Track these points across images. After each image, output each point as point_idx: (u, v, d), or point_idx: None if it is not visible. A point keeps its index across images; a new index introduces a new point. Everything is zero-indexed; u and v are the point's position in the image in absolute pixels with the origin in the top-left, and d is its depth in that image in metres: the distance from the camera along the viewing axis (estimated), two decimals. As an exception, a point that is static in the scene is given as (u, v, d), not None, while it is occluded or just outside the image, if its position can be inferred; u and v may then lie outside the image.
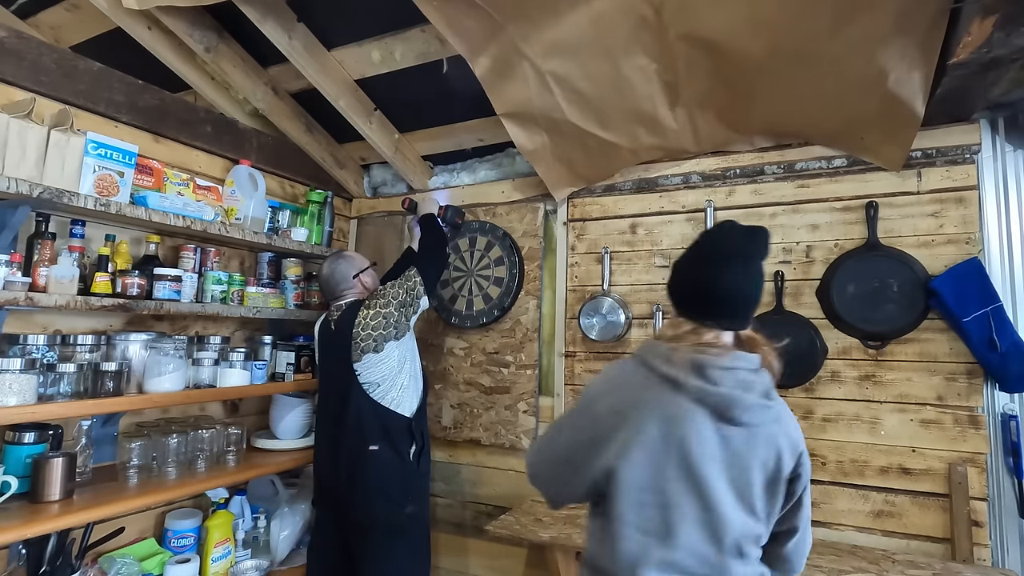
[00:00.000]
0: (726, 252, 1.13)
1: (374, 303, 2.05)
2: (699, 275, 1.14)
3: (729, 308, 1.12)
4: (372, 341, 2.00)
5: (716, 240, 1.17)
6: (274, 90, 2.39)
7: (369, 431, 1.99)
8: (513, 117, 2.12)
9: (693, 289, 1.15)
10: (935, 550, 1.80)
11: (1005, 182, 1.85)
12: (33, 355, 1.65)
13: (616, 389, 1.15)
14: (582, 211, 2.46)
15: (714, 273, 1.12)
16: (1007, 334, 1.71)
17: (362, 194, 2.99)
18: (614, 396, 1.13)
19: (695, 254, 1.18)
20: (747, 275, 1.12)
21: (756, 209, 2.14)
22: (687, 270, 1.18)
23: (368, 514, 1.97)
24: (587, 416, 1.15)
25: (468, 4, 1.68)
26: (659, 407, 1.07)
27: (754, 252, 1.13)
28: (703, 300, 1.13)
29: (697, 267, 1.16)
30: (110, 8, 1.94)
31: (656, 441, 1.05)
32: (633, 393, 1.11)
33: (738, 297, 1.12)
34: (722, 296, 1.12)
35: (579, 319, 2.33)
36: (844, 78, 1.67)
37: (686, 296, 1.17)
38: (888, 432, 1.89)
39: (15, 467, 1.60)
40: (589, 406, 1.15)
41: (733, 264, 1.12)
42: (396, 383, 2.04)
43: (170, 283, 1.92)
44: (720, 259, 1.13)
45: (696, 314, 1.14)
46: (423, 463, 2.11)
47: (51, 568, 1.63)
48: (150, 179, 1.97)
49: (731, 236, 1.15)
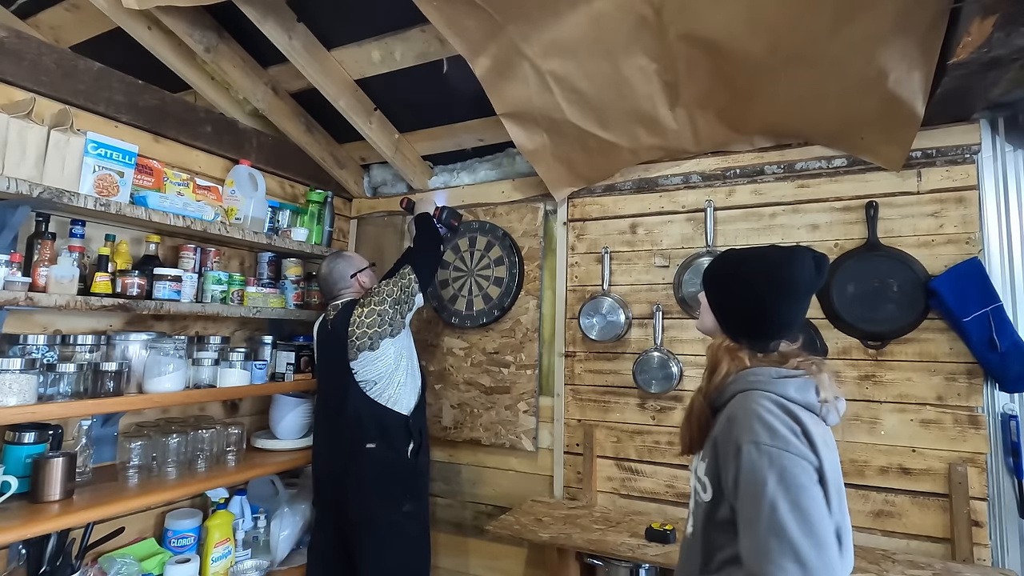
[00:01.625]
0: (807, 284, 1.12)
1: (368, 301, 2.06)
2: (785, 311, 1.13)
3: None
4: (367, 339, 2.00)
5: (793, 275, 1.13)
6: (274, 90, 2.39)
7: (366, 429, 1.99)
8: (513, 117, 2.12)
9: (775, 322, 1.14)
10: (935, 550, 1.79)
11: (1005, 182, 1.85)
12: (33, 355, 1.65)
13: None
14: (582, 211, 2.46)
15: (796, 308, 1.13)
16: (1007, 334, 1.71)
17: (362, 194, 2.99)
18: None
19: (774, 290, 1.13)
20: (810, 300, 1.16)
21: (756, 209, 2.14)
22: (766, 307, 1.13)
23: (365, 512, 1.97)
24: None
25: (468, 4, 1.68)
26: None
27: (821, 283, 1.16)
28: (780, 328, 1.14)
29: (783, 306, 1.13)
30: (110, 8, 1.94)
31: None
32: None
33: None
34: (792, 326, 1.14)
35: (579, 319, 2.33)
36: (844, 78, 1.67)
37: (762, 329, 1.14)
38: (888, 432, 1.89)
39: (15, 467, 1.60)
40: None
41: (809, 295, 1.15)
42: (393, 380, 2.05)
43: (170, 283, 1.92)
44: (800, 294, 1.13)
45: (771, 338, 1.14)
46: (421, 461, 2.11)
47: (51, 568, 1.62)
48: (150, 179, 1.97)
49: (808, 267, 1.12)
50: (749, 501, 0.98)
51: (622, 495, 2.26)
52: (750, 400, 1.04)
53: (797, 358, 1.11)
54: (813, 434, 1.00)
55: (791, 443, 0.97)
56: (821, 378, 1.07)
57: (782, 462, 0.96)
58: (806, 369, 1.08)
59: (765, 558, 0.94)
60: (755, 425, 1.00)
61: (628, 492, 2.24)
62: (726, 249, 1.27)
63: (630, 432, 2.26)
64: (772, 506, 0.95)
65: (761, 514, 0.96)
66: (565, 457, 2.36)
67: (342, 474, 2.00)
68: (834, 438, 1.09)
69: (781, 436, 0.98)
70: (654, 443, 2.22)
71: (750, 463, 0.99)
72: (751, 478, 0.98)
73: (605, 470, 2.29)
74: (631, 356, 2.26)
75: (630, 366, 2.24)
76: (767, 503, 0.95)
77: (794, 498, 0.94)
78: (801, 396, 1.04)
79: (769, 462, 0.97)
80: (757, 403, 1.03)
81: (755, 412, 1.02)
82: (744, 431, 1.01)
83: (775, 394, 1.04)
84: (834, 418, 1.09)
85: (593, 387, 2.35)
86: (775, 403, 1.02)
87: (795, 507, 0.94)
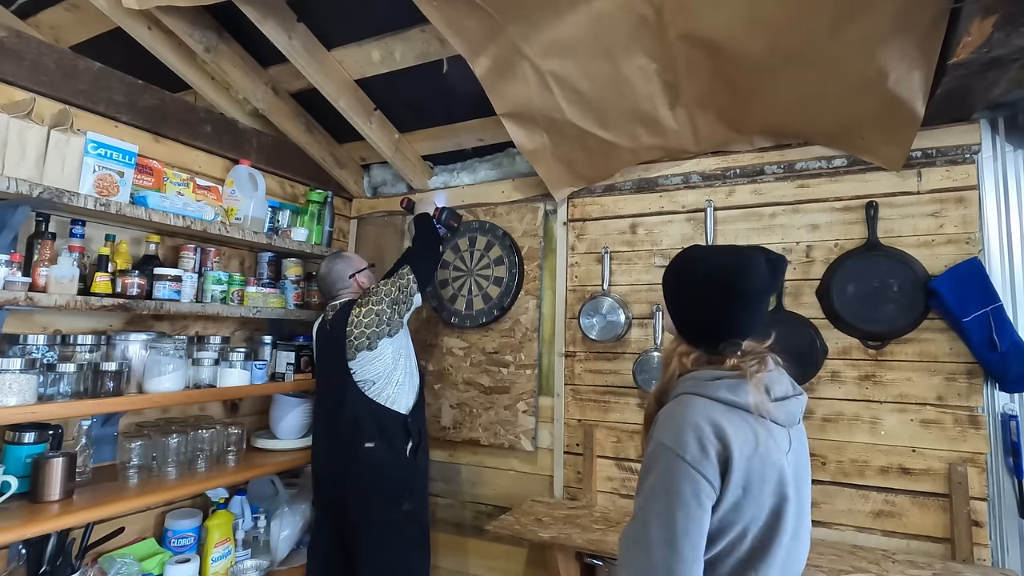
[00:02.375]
0: (759, 291, 1.08)
1: (366, 301, 2.06)
2: (737, 314, 1.09)
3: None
4: (365, 339, 2.00)
5: (743, 279, 1.08)
6: (274, 90, 2.39)
7: (364, 429, 1.99)
8: (513, 117, 2.12)
9: (731, 328, 1.09)
10: (935, 550, 1.79)
11: (1005, 182, 1.85)
12: (33, 355, 1.65)
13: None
14: (582, 211, 2.46)
15: (748, 311, 1.09)
16: (1007, 334, 1.71)
17: (362, 194, 2.99)
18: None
19: (723, 294, 1.08)
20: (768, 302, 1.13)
21: (756, 209, 2.14)
22: (715, 311, 1.09)
23: (364, 512, 1.97)
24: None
25: (468, 4, 1.68)
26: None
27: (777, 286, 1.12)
28: (726, 333, 1.09)
29: (735, 308, 1.09)
30: (110, 8, 1.94)
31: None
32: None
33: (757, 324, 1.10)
34: (745, 331, 1.09)
35: (579, 319, 2.33)
36: (844, 78, 1.67)
37: (713, 332, 1.10)
38: (888, 432, 1.89)
39: (15, 467, 1.60)
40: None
41: (763, 298, 1.10)
42: (391, 380, 2.05)
43: (170, 283, 1.92)
44: (751, 297, 1.08)
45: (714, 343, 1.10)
46: (420, 460, 2.11)
47: (51, 568, 1.63)
48: (150, 179, 1.97)
49: (762, 272, 1.08)
50: (637, 493, 1.03)
51: (622, 495, 2.25)
52: (678, 403, 1.04)
53: (738, 358, 1.07)
54: (732, 443, 0.97)
55: (690, 451, 0.96)
56: (758, 378, 1.04)
57: (672, 466, 0.97)
58: (741, 369, 1.05)
59: (628, 539, 1.00)
60: (667, 425, 1.02)
61: (628, 492, 2.24)
62: (684, 248, 1.22)
63: (630, 432, 2.26)
64: (646, 499, 0.99)
65: (637, 501, 1.01)
66: (565, 457, 2.36)
67: (341, 474, 2.00)
68: (795, 441, 1.07)
69: (684, 442, 0.97)
70: (654, 443, 2.22)
71: (648, 457, 1.03)
72: (644, 469, 1.03)
73: (605, 470, 2.29)
74: (631, 356, 2.26)
75: (630, 366, 2.24)
76: (643, 495, 1.00)
77: (666, 503, 0.96)
78: (734, 396, 1.02)
79: (665, 462, 0.98)
80: (681, 405, 1.03)
81: (671, 414, 1.03)
82: (658, 430, 1.03)
83: (706, 397, 1.03)
84: (783, 417, 1.05)
85: (593, 387, 2.35)
86: (699, 407, 1.01)
87: (665, 510, 0.96)
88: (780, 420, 1.05)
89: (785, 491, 1.01)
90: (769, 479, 1.00)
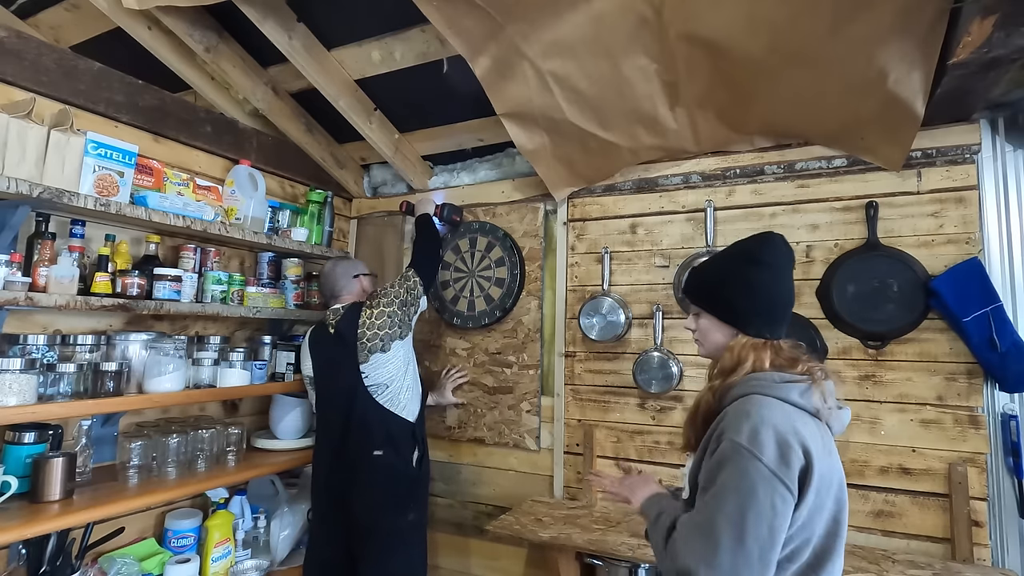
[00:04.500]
0: (784, 262, 1.17)
1: (376, 303, 2.05)
2: (779, 288, 1.15)
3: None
4: (379, 340, 2.00)
5: (771, 252, 1.18)
6: (274, 90, 2.39)
7: (374, 435, 1.98)
8: (513, 117, 2.12)
9: (781, 303, 1.15)
10: (935, 550, 1.79)
11: (1005, 182, 1.85)
12: (33, 355, 1.65)
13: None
14: (582, 211, 2.46)
15: (784, 284, 1.16)
16: (1007, 334, 1.71)
17: (362, 194, 2.99)
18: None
19: (761, 269, 1.15)
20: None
21: (756, 209, 2.14)
22: (761, 286, 1.15)
23: (370, 519, 1.96)
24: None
25: (468, 4, 1.68)
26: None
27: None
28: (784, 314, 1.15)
29: (775, 279, 1.15)
30: (110, 8, 1.94)
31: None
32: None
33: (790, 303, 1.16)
34: (790, 304, 1.16)
35: (579, 319, 2.32)
36: (844, 78, 1.67)
37: (766, 311, 1.14)
38: (888, 432, 1.89)
39: (15, 467, 1.60)
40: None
41: (791, 272, 1.18)
42: (403, 386, 2.04)
43: (170, 283, 1.92)
44: (783, 268, 1.16)
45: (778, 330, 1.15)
46: (424, 468, 2.11)
47: (51, 568, 1.62)
48: (150, 179, 1.97)
49: (786, 248, 1.18)
50: (703, 489, 1.00)
51: (622, 495, 2.25)
52: (749, 403, 1.03)
53: (807, 363, 1.10)
54: (810, 446, 0.97)
55: (768, 454, 0.95)
56: (826, 385, 1.07)
57: (748, 466, 0.95)
58: (811, 375, 1.08)
59: (687, 547, 0.96)
60: (742, 425, 0.99)
61: (628, 492, 2.24)
62: (693, 267, 1.26)
63: (630, 432, 2.26)
64: (716, 497, 0.96)
65: (705, 506, 0.97)
66: (565, 457, 2.36)
67: (347, 481, 1.98)
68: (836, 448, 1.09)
69: (761, 444, 0.96)
70: (654, 443, 2.22)
71: (721, 455, 0.99)
72: (715, 468, 0.99)
73: (605, 470, 2.29)
74: (631, 356, 2.26)
75: (630, 366, 2.24)
76: (713, 492, 0.97)
77: (738, 504, 0.93)
78: (804, 401, 1.04)
79: (740, 462, 0.96)
80: (755, 406, 1.02)
81: (747, 413, 1.01)
82: (730, 428, 1.01)
83: (779, 399, 1.03)
84: (837, 427, 1.09)
85: (593, 387, 2.35)
86: (776, 408, 1.01)
87: (737, 510, 0.93)
88: (835, 429, 1.09)
89: (843, 496, 1.03)
90: (833, 484, 1.01)
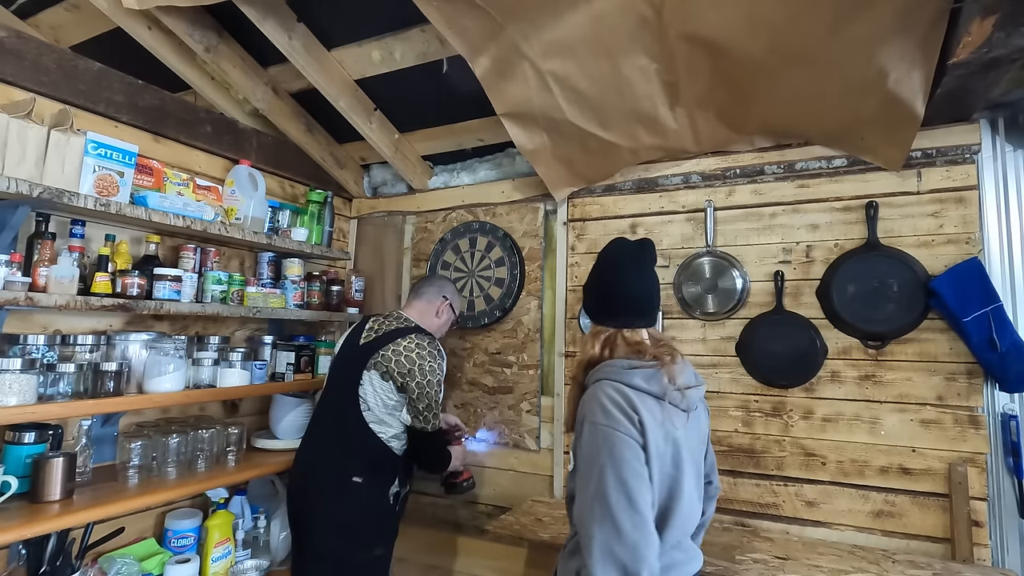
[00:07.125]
0: (626, 259, 1.33)
1: (424, 353, 1.90)
2: (619, 283, 1.31)
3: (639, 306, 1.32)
4: (397, 375, 1.88)
5: (615, 252, 1.35)
6: (274, 90, 2.39)
7: (356, 458, 1.88)
8: (513, 117, 2.12)
9: (624, 296, 1.31)
10: (935, 550, 1.79)
11: (1005, 182, 1.85)
12: (33, 355, 1.65)
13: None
14: (582, 211, 2.46)
15: (628, 279, 1.31)
16: (1007, 334, 1.71)
17: (362, 194, 2.99)
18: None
19: (606, 268, 1.35)
20: (649, 277, 1.33)
21: (756, 209, 2.14)
22: (604, 283, 1.34)
23: (327, 547, 1.83)
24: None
25: (468, 4, 1.68)
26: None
27: (648, 259, 1.34)
28: (627, 303, 1.31)
29: (616, 277, 1.32)
30: (110, 8, 1.94)
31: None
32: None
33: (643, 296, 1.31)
34: (635, 296, 1.31)
35: (579, 319, 2.33)
36: (844, 78, 1.67)
37: (609, 304, 1.32)
38: (888, 432, 1.89)
39: (15, 467, 1.60)
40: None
41: (639, 268, 1.32)
42: (395, 415, 1.92)
43: (170, 283, 1.92)
44: (625, 265, 1.32)
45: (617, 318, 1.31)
46: (399, 509, 2.00)
47: (51, 568, 1.63)
48: (150, 179, 1.97)
49: (628, 245, 1.36)
50: (583, 470, 1.15)
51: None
52: (599, 387, 1.20)
53: (655, 349, 1.26)
54: (645, 419, 1.14)
55: (621, 423, 1.13)
56: (674, 368, 1.22)
57: (611, 439, 1.13)
58: (660, 359, 1.23)
59: (590, 518, 1.10)
60: (595, 407, 1.17)
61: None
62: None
63: (630, 432, 2.26)
64: (600, 476, 1.11)
65: (590, 482, 1.12)
66: (565, 457, 2.36)
67: (314, 500, 1.88)
68: (691, 421, 1.26)
69: (614, 417, 1.14)
70: (654, 443, 2.22)
71: (587, 438, 1.16)
72: (586, 451, 1.15)
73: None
74: (631, 356, 2.26)
75: (630, 366, 2.24)
76: (596, 473, 1.12)
77: (617, 471, 1.10)
78: (648, 385, 1.19)
79: (603, 439, 1.13)
80: (602, 390, 1.19)
81: (597, 396, 1.18)
82: (587, 412, 1.18)
83: (621, 383, 1.19)
84: (684, 403, 1.23)
85: (593, 387, 2.35)
86: (617, 390, 1.18)
87: (618, 479, 1.10)
88: (681, 406, 1.22)
89: (680, 463, 1.19)
90: (667, 455, 1.17)
